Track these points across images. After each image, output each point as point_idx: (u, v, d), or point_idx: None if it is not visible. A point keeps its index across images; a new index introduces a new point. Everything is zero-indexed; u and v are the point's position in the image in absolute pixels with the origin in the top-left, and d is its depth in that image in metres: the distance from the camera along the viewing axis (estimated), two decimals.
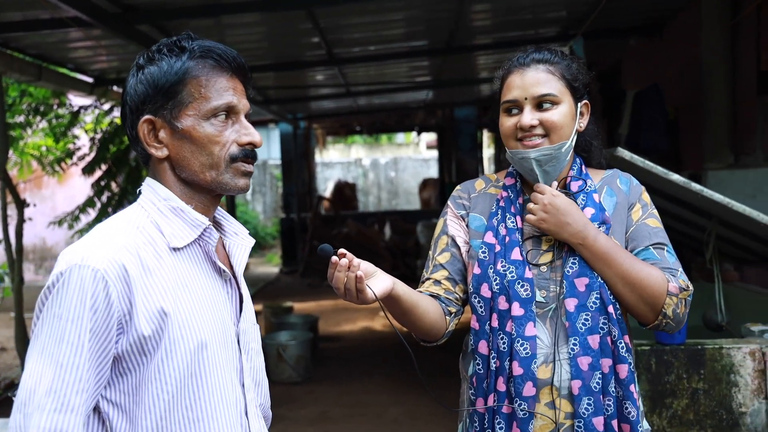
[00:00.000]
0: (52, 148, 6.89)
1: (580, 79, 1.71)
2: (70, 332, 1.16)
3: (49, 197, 9.54)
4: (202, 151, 1.30)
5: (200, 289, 1.30)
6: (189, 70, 1.29)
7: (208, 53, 1.30)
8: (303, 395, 5.54)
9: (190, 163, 1.30)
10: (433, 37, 6.54)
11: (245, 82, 1.36)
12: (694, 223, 3.38)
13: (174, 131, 1.30)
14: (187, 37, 1.33)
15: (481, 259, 1.69)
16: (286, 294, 10.23)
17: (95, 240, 1.24)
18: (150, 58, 1.31)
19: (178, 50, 1.30)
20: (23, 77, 5.42)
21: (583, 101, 1.72)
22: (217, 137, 1.30)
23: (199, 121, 1.29)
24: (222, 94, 1.30)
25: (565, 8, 5.72)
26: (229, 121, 1.32)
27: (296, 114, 12.90)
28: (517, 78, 1.68)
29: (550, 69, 1.67)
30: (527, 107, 1.66)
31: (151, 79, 1.29)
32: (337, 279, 1.50)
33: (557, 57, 1.70)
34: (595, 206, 1.69)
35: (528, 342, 1.61)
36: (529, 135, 1.65)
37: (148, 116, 1.30)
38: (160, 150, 1.31)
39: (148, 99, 1.30)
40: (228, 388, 1.30)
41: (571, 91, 1.68)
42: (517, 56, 1.72)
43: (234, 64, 1.32)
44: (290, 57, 7.10)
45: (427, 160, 21.05)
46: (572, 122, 1.68)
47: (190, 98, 1.29)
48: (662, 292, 1.61)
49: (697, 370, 2.76)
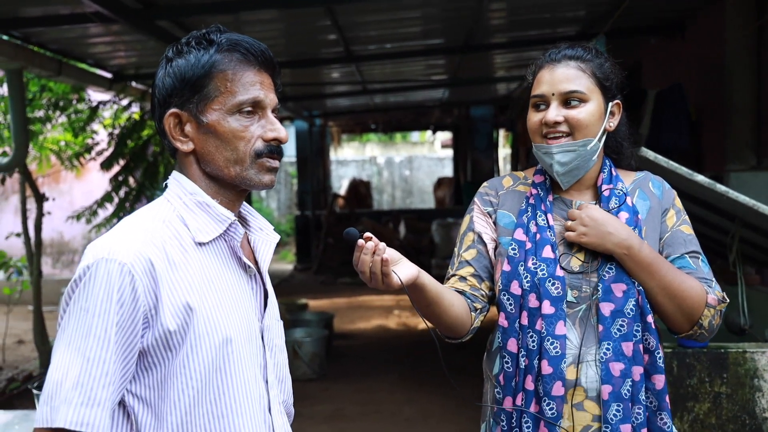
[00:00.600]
0: (70, 142, 6.93)
1: (612, 78, 1.68)
2: (97, 326, 1.16)
3: (67, 192, 9.60)
4: (226, 146, 1.29)
5: (225, 285, 1.29)
6: (216, 64, 1.28)
7: (235, 46, 1.29)
8: (318, 392, 5.53)
9: (214, 157, 1.29)
10: (450, 35, 6.52)
11: (273, 76, 1.34)
12: (717, 226, 3.34)
13: (199, 125, 1.29)
14: (216, 30, 1.31)
15: (511, 256, 1.67)
16: (300, 291, 10.25)
17: (122, 233, 1.23)
18: (179, 50, 1.30)
19: (206, 43, 1.29)
20: (43, 72, 5.46)
21: (615, 101, 1.70)
22: (242, 132, 1.28)
23: (225, 115, 1.28)
24: (248, 88, 1.28)
25: (584, 7, 5.68)
26: (255, 116, 1.30)
27: (312, 111, 12.92)
28: (547, 73, 1.66)
29: (581, 66, 1.65)
30: (554, 103, 1.64)
31: (179, 72, 1.28)
32: (362, 262, 1.48)
33: (590, 54, 1.67)
34: (629, 210, 1.67)
35: (558, 341, 1.59)
36: (553, 131, 1.63)
37: (175, 110, 1.29)
38: (186, 144, 1.30)
39: (175, 92, 1.29)
40: (252, 384, 1.29)
41: (601, 89, 1.66)
42: (550, 51, 1.70)
43: (262, 57, 1.31)
44: (307, 54, 7.10)
45: (442, 159, 21.01)
46: (599, 121, 1.65)
47: (216, 92, 1.28)
48: (701, 304, 1.60)
49: (719, 374, 2.72)
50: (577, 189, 1.72)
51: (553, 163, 1.64)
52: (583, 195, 1.72)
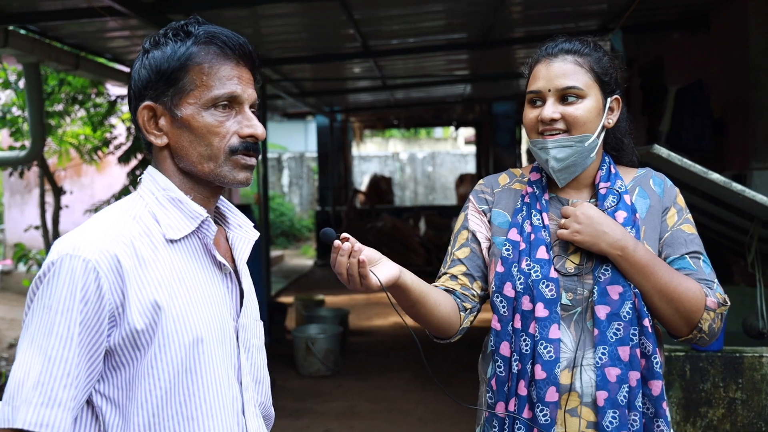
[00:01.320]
0: (89, 136, 6.98)
1: (611, 73, 1.62)
2: (60, 324, 1.13)
3: (88, 185, 9.70)
4: (200, 141, 1.25)
5: (197, 283, 1.25)
6: (192, 56, 1.24)
7: (212, 39, 1.25)
8: (331, 389, 5.51)
9: (188, 153, 1.26)
10: (472, 29, 6.43)
11: (253, 71, 1.30)
12: (736, 225, 3.24)
13: (174, 119, 1.25)
14: (195, 21, 1.28)
15: (505, 256, 1.62)
16: (319, 287, 10.24)
17: (89, 229, 1.20)
18: (156, 42, 1.27)
19: (183, 35, 1.26)
20: (61, 66, 5.49)
21: (614, 96, 1.63)
22: (216, 128, 1.25)
23: (200, 110, 1.24)
24: (225, 82, 1.24)
25: (606, 1, 5.57)
26: (232, 112, 1.26)
27: (333, 107, 12.90)
28: (543, 68, 1.60)
29: (578, 60, 1.59)
30: (550, 99, 1.58)
31: (154, 64, 1.25)
32: (339, 264, 1.44)
33: (588, 48, 1.61)
34: (627, 209, 1.60)
35: (552, 345, 1.54)
36: (549, 128, 1.58)
37: (149, 102, 1.26)
38: (160, 138, 1.27)
39: (150, 84, 1.25)
40: (224, 386, 1.26)
41: (599, 84, 1.60)
42: (547, 45, 1.64)
43: (240, 51, 1.27)
44: (327, 49, 7.06)
45: (465, 155, 20.90)
46: (597, 118, 1.59)
47: (191, 86, 1.24)
48: (700, 307, 1.54)
49: (734, 379, 2.64)
50: (574, 187, 1.66)
51: (548, 159, 1.59)
52: (580, 194, 1.66)
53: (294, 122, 18.76)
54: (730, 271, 4.41)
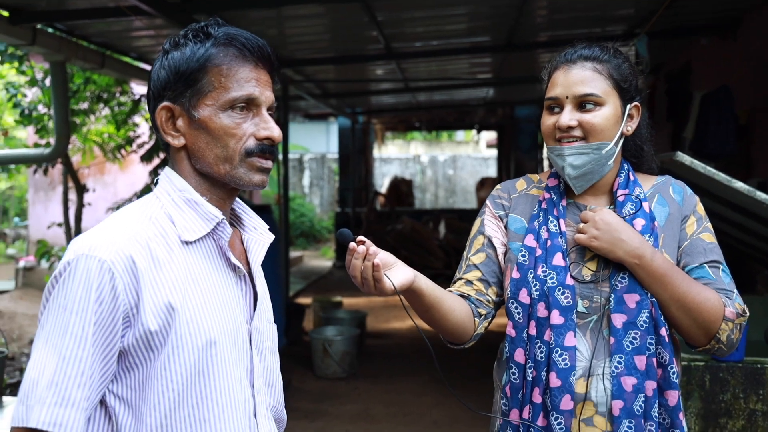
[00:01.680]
0: (113, 135, 7.04)
1: (631, 79, 1.60)
2: (74, 324, 1.13)
3: (111, 183, 9.79)
4: (217, 142, 1.25)
5: (211, 285, 1.25)
6: (211, 58, 1.24)
7: (231, 41, 1.25)
8: (347, 391, 5.51)
9: (205, 154, 1.26)
10: (495, 33, 6.41)
11: (272, 73, 1.30)
12: (760, 234, 3.19)
13: (191, 120, 1.25)
14: (215, 23, 1.28)
15: (521, 263, 1.61)
16: (337, 288, 10.25)
17: (105, 230, 1.20)
18: (176, 43, 1.27)
19: (203, 36, 1.26)
20: (87, 65, 5.54)
21: (633, 103, 1.61)
22: (233, 129, 1.25)
23: (217, 111, 1.24)
24: (243, 84, 1.25)
25: (633, 5, 5.51)
26: (249, 114, 1.26)
27: (355, 108, 12.91)
28: (561, 75, 1.59)
29: (597, 67, 1.57)
30: (568, 106, 1.57)
31: (173, 65, 1.25)
32: (353, 266, 1.43)
33: (607, 54, 1.59)
34: (646, 216, 1.58)
35: (567, 352, 1.52)
36: (567, 136, 1.56)
37: (167, 103, 1.26)
38: (177, 139, 1.27)
39: (168, 85, 1.26)
40: (237, 389, 1.25)
41: (618, 92, 1.58)
42: (565, 51, 1.62)
43: (259, 53, 1.27)
44: (350, 50, 7.07)
45: (486, 158, 20.83)
46: (616, 125, 1.57)
47: (209, 87, 1.24)
48: (718, 317, 1.52)
49: (755, 390, 2.59)
50: (592, 194, 1.64)
51: (565, 166, 1.57)
52: (598, 200, 1.64)
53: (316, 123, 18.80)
54: (753, 281, 4.34)
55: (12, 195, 14.43)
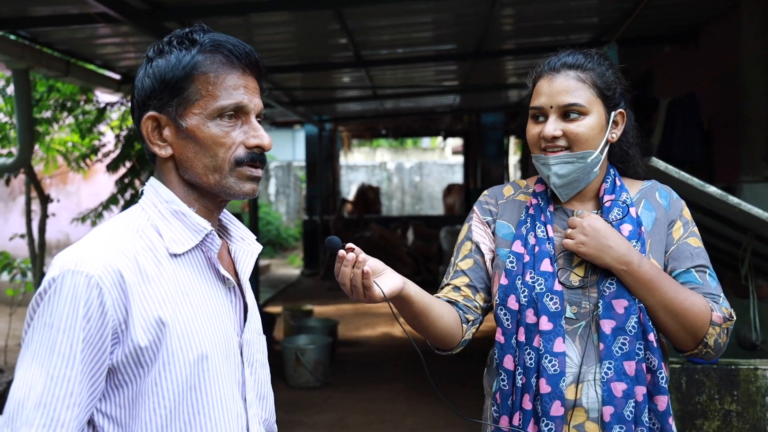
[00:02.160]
0: (77, 144, 6.91)
1: (615, 87, 1.61)
2: (62, 342, 1.09)
3: (74, 193, 9.60)
4: (206, 152, 1.22)
5: (201, 298, 1.22)
6: (197, 66, 1.21)
7: (218, 47, 1.22)
8: (320, 401, 5.47)
9: (193, 164, 1.23)
10: (461, 41, 6.46)
11: (259, 80, 1.28)
12: (729, 238, 3.26)
13: (178, 130, 1.22)
14: (200, 29, 1.25)
15: (509, 269, 1.61)
16: (306, 296, 10.19)
17: (91, 244, 1.17)
18: (160, 50, 1.24)
19: (188, 43, 1.22)
20: (51, 72, 5.43)
21: (618, 110, 1.62)
22: (222, 138, 1.22)
23: (205, 120, 1.21)
24: (231, 92, 1.22)
25: (597, 15, 5.61)
26: (238, 122, 1.24)
27: (322, 116, 12.88)
28: (546, 84, 1.59)
29: (580, 76, 1.58)
30: (552, 116, 1.58)
31: (158, 73, 1.22)
32: (343, 274, 1.42)
33: (591, 62, 1.60)
34: (632, 221, 1.59)
35: (557, 358, 1.52)
36: (552, 146, 1.57)
37: (153, 113, 1.23)
38: (164, 149, 1.24)
39: (154, 94, 1.22)
40: (229, 403, 1.23)
41: (602, 99, 1.59)
42: (549, 59, 1.63)
43: (247, 60, 1.24)
44: (318, 58, 7.06)
45: (452, 165, 20.94)
46: (600, 134, 1.58)
47: (197, 95, 1.21)
48: (705, 322, 1.53)
49: (729, 391, 2.64)
50: (579, 200, 1.65)
51: (550, 175, 1.58)
52: (585, 206, 1.66)
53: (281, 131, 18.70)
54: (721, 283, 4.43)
55: None
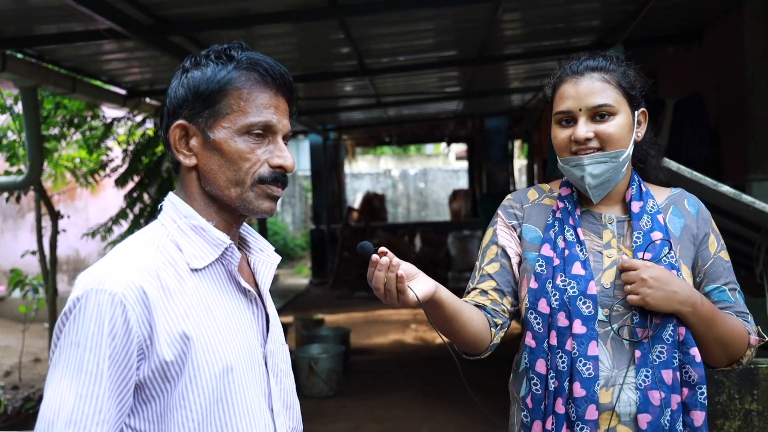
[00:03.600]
0: (85, 159, 6.94)
1: (637, 86, 1.63)
2: (89, 361, 1.11)
3: (83, 209, 9.63)
4: (230, 166, 1.24)
5: (224, 311, 1.23)
6: (232, 81, 1.23)
7: (255, 66, 1.24)
8: (335, 409, 5.47)
9: (216, 176, 1.25)
10: (463, 46, 6.48)
11: (290, 102, 1.29)
12: (743, 237, 3.25)
13: (206, 141, 1.24)
14: (239, 46, 1.27)
15: (539, 273, 1.61)
16: (316, 306, 10.19)
17: (113, 262, 1.18)
18: (196, 62, 1.26)
19: (225, 58, 1.25)
20: (58, 89, 5.46)
21: (641, 109, 1.64)
22: (247, 154, 1.23)
23: (233, 134, 1.23)
24: (262, 110, 1.24)
25: (599, 17, 5.62)
26: (265, 140, 1.25)
27: (326, 125, 12.91)
28: (571, 87, 1.60)
29: (605, 77, 1.59)
30: (582, 119, 1.58)
31: (193, 84, 1.24)
32: (377, 278, 1.41)
33: (612, 64, 1.62)
34: (662, 229, 1.60)
35: (590, 362, 1.52)
36: (584, 148, 1.58)
37: (182, 121, 1.25)
38: (189, 158, 1.26)
39: (186, 104, 1.25)
40: (256, 414, 1.24)
41: (627, 99, 1.60)
42: (570, 63, 1.64)
43: (281, 81, 1.26)
44: (321, 68, 7.09)
45: (456, 171, 20.95)
46: (630, 132, 1.60)
47: (228, 110, 1.23)
48: (745, 346, 1.61)
49: (750, 391, 2.63)
50: (605, 203, 1.66)
51: (584, 176, 1.58)
52: (611, 209, 1.66)
53: None
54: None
55: None
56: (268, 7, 4.66)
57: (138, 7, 4.29)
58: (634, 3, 4.95)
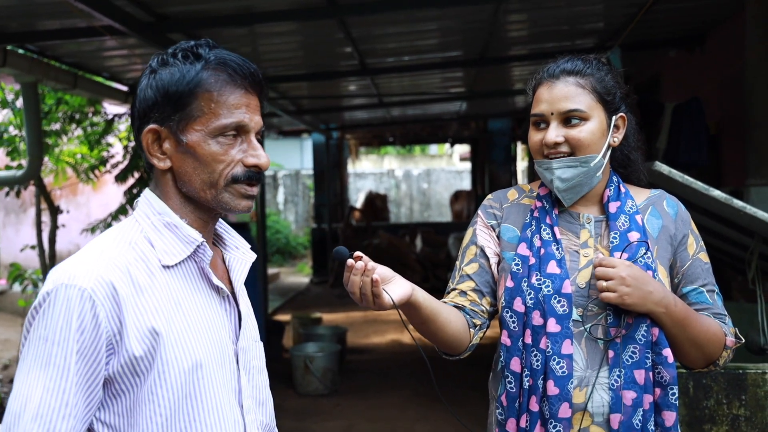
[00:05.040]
0: (86, 155, 6.96)
1: (614, 91, 1.63)
2: (56, 355, 1.12)
3: (84, 204, 9.66)
4: (204, 168, 1.24)
5: (195, 308, 1.24)
6: (201, 83, 1.22)
7: (223, 65, 1.24)
8: (329, 408, 5.47)
9: (191, 178, 1.25)
10: (467, 47, 6.47)
11: (261, 98, 1.30)
12: (736, 241, 3.25)
13: (179, 144, 1.24)
14: (206, 44, 1.26)
15: (515, 272, 1.62)
16: (315, 304, 10.20)
17: (84, 257, 1.19)
18: (164, 61, 1.25)
19: (193, 57, 1.24)
20: (59, 85, 5.48)
21: (619, 114, 1.64)
22: (221, 156, 1.23)
23: (206, 137, 1.23)
24: (233, 111, 1.23)
25: (603, 20, 5.61)
26: (238, 140, 1.25)
27: (329, 124, 12.92)
28: (545, 91, 1.61)
29: (579, 82, 1.59)
30: (553, 123, 1.59)
31: (162, 86, 1.23)
32: (352, 282, 1.43)
33: (590, 68, 1.62)
34: (639, 229, 1.60)
35: (564, 360, 1.53)
36: (554, 152, 1.58)
37: (154, 126, 1.25)
38: (163, 161, 1.26)
39: (156, 107, 1.24)
40: (226, 410, 1.25)
41: (602, 104, 1.60)
42: (548, 66, 1.64)
43: (250, 79, 1.26)
44: (324, 67, 7.10)
45: (460, 172, 20.94)
46: (602, 138, 1.60)
47: (199, 112, 1.23)
48: (721, 347, 1.61)
49: (737, 396, 2.63)
50: (583, 204, 1.66)
51: (553, 179, 1.59)
52: (589, 209, 1.67)
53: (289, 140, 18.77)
54: (729, 287, 4.42)
55: None
56: (270, 5, 4.67)
57: (138, 4, 4.31)
58: (636, 6, 4.94)
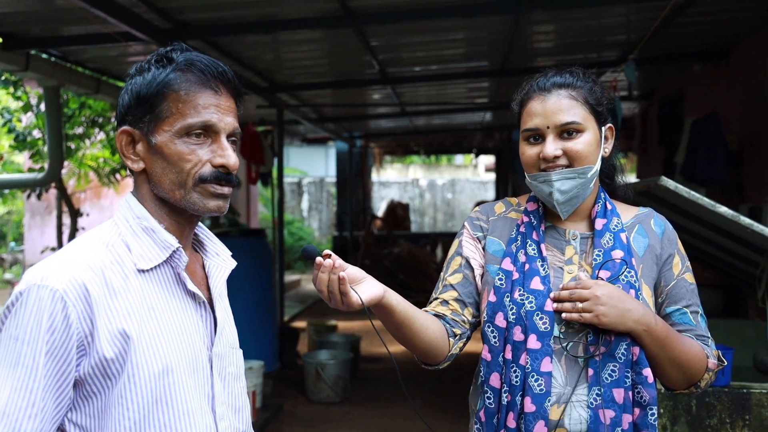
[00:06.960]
0: (108, 159, 7.06)
1: (604, 102, 1.62)
2: (26, 354, 1.13)
3: (108, 207, 9.79)
4: (172, 168, 1.25)
5: (168, 313, 1.25)
6: (169, 84, 1.24)
7: (190, 66, 1.25)
8: (339, 416, 5.46)
9: (161, 179, 1.26)
10: (493, 57, 6.45)
11: (236, 99, 1.30)
12: (749, 259, 3.18)
13: (149, 145, 1.26)
14: (179, 48, 1.29)
15: (498, 286, 1.60)
16: (333, 312, 10.19)
17: (60, 258, 1.20)
18: (140, 68, 1.28)
19: (165, 61, 1.27)
20: (81, 90, 5.57)
21: (607, 125, 1.63)
22: (188, 156, 1.24)
23: (173, 137, 1.24)
24: (200, 111, 1.24)
25: (626, 32, 5.56)
26: (207, 140, 1.26)
27: (353, 132, 12.96)
28: (538, 104, 1.58)
29: (572, 94, 1.58)
30: (550, 136, 1.57)
31: (135, 90, 1.26)
32: (320, 281, 1.42)
33: (579, 80, 1.60)
34: (623, 247, 1.58)
35: (542, 377, 1.51)
36: (553, 166, 1.56)
37: (126, 127, 1.27)
38: (136, 163, 1.28)
39: (130, 110, 1.27)
40: (197, 416, 1.24)
41: (595, 116, 1.59)
42: (537, 79, 1.63)
43: (221, 79, 1.27)
44: (346, 75, 7.12)
45: (485, 182, 20.87)
46: (597, 149, 1.59)
47: (167, 113, 1.24)
48: (703, 370, 1.59)
49: (741, 415, 2.57)
50: (571, 219, 1.65)
51: (553, 191, 1.57)
52: (577, 225, 1.65)
53: (314, 147, 18.88)
54: (745, 305, 4.33)
55: (10, 220, 14.44)
56: (286, 13, 4.70)
57: (157, 11, 4.37)
58: (662, 19, 4.88)
